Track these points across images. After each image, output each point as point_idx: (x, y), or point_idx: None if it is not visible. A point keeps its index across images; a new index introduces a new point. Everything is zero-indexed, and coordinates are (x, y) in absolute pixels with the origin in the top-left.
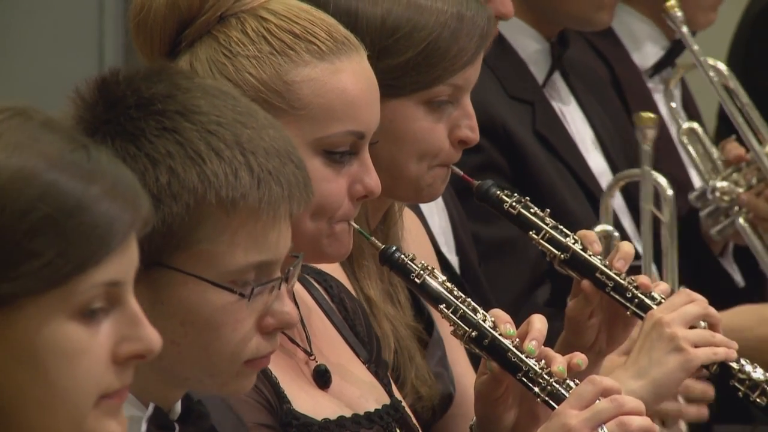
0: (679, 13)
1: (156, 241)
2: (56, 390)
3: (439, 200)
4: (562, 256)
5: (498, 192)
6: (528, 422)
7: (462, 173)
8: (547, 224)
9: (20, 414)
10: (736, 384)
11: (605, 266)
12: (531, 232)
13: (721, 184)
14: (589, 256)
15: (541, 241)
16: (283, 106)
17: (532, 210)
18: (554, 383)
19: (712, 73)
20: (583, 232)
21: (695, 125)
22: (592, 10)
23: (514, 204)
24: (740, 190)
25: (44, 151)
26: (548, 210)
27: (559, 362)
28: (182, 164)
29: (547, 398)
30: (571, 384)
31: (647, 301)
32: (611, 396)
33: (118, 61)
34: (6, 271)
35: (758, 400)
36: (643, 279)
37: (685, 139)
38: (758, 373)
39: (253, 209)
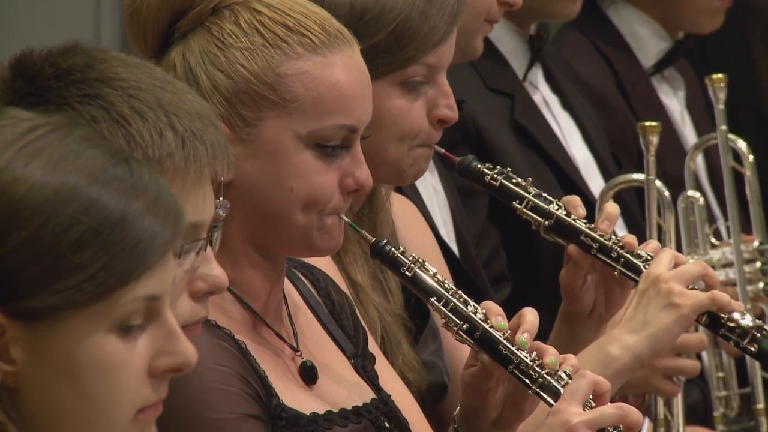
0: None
1: None
2: (94, 403)
3: (441, 194)
4: (546, 222)
5: (479, 166)
6: (512, 416)
7: (443, 151)
8: (530, 193)
9: (58, 427)
10: (727, 333)
11: (590, 229)
12: (514, 203)
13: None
14: (573, 220)
15: (525, 210)
16: (275, 99)
17: (514, 180)
18: (546, 375)
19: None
20: (567, 197)
21: (697, 195)
22: (552, 2)
23: (495, 176)
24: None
25: (86, 165)
26: (530, 179)
27: (551, 354)
28: (108, 127)
29: (539, 390)
30: (563, 376)
31: (633, 259)
32: (617, 404)
33: None
34: (49, 284)
35: (749, 347)
36: (628, 238)
37: (682, 205)
38: (747, 320)
39: (179, 168)
